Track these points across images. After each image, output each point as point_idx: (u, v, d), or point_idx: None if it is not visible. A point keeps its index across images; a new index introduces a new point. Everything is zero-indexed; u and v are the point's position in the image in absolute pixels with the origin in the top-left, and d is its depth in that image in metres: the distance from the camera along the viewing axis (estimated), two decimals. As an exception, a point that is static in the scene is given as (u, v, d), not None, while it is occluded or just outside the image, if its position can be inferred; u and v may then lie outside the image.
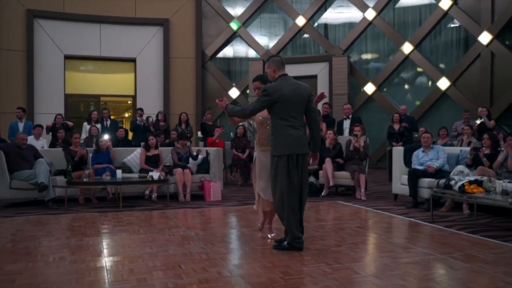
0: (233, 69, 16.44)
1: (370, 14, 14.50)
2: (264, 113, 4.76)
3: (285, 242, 4.52)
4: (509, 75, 12.25)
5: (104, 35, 14.74)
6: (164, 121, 10.92)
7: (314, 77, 14.90)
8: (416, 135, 10.68)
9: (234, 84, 15.99)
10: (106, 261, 4.15)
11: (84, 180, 7.32)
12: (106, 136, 8.21)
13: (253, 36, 15.88)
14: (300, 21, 15.33)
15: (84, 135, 10.17)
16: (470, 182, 5.62)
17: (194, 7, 15.53)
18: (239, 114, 4.64)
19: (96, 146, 8.20)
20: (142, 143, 10.00)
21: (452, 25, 13.63)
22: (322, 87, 14.73)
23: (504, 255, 4.33)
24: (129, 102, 16.02)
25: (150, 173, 7.56)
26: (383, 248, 4.60)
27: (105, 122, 10.55)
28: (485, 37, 12.63)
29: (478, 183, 5.64)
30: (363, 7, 14.63)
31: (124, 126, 11.53)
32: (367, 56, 15.11)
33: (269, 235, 5.02)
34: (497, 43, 12.48)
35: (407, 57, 13.99)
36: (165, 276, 3.69)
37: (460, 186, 5.61)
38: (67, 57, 14.49)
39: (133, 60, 15.11)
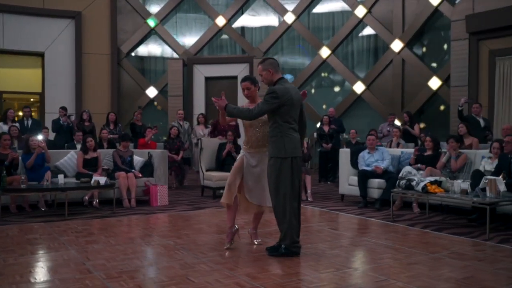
0: (150, 68, 15.85)
1: (289, 18, 14.82)
2: None
3: (282, 247, 4.44)
4: (418, 81, 13.20)
5: (8, 26, 13.38)
6: (89, 121, 10.20)
7: (235, 77, 14.86)
8: (346, 136, 11.14)
9: (151, 83, 15.40)
10: (104, 280, 3.76)
11: (22, 186, 6.58)
12: (40, 137, 7.44)
13: (171, 34, 15.45)
14: (220, 21, 15.23)
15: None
16: (431, 183, 5.96)
17: (109, 1, 14.71)
18: (245, 115, 4.43)
19: (26, 147, 7.40)
20: (66, 144, 9.36)
21: (366, 32, 14.37)
22: (242, 88, 14.73)
23: (486, 252, 4.65)
24: (32, 99, 14.74)
25: (95, 178, 7.01)
26: (376, 251, 4.70)
27: (25, 122, 9.59)
28: (397, 45, 13.50)
29: (438, 183, 6.00)
30: (283, 11, 14.92)
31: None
32: (286, 58, 15.42)
33: (255, 241, 4.91)
34: (408, 51, 13.40)
35: (324, 61, 14.52)
36: (184, 292, 3.44)
37: (423, 187, 5.92)
38: (-36, 49, 13.00)
39: (41, 55, 13.94)
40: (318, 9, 14.96)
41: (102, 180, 6.98)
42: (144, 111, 12.45)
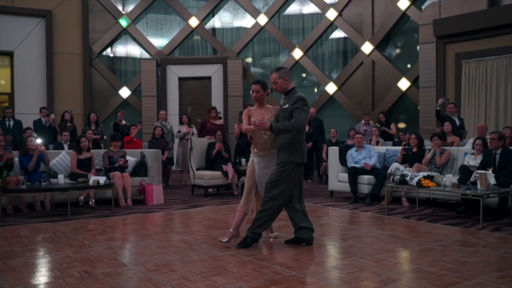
0: (122, 68, 15.74)
1: (262, 20, 15.10)
2: (259, 117, 4.78)
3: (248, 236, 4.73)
4: (387, 82, 13.78)
5: (-25, 23, 13.04)
6: (71, 122, 10.11)
7: (208, 78, 15.03)
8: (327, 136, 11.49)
9: (124, 84, 15.30)
10: (146, 273, 3.89)
11: (22, 187, 6.53)
12: (39, 140, 7.36)
13: (143, 34, 15.41)
14: (193, 22, 15.32)
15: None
16: (425, 177, 6.37)
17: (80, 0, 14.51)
18: (294, 129, 4.52)
19: (23, 148, 7.33)
20: (52, 145, 9.27)
21: (337, 34, 14.84)
22: (216, 88, 14.94)
23: (485, 239, 5.06)
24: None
25: (95, 178, 7.03)
26: (386, 240, 5.03)
27: (7, 122, 9.42)
28: (367, 47, 14.03)
29: (430, 178, 6.42)
30: (255, 13, 15.18)
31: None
32: (258, 59, 15.69)
33: (271, 235, 5.12)
34: (377, 53, 13.94)
35: (297, 62, 14.89)
36: (230, 282, 3.62)
37: (417, 181, 6.33)
38: None
39: (10, 54, 13.60)
40: (290, 11, 15.32)
41: (102, 179, 7.01)
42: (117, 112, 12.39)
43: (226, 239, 4.78)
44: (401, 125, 13.38)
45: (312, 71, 14.79)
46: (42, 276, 3.83)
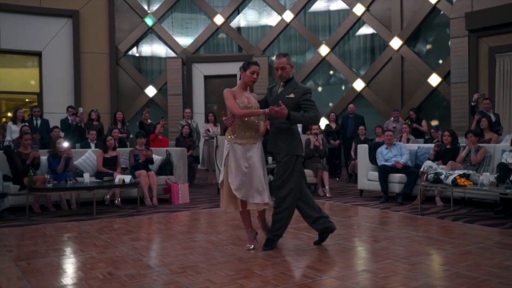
0: (148, 67, 15.75)
1: (288, 16, 14.90)
2: (245, 101, 4.41)
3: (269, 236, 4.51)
4: (417, 78, 13.42)
5: (4, 25, 13.15)
6: (97, 121, 10.12)
7: (233, 76, 14.87)
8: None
9: (150, 82, 15.30)
10: (170, 275, 3.76)
11: (49, 186, 6.50)
12: (65, 144, 7.33)
13: (169, 33, 15.38)
14: (218, 20, 15.22)
15: (9, 137, 9.05)
16: (460, 176, 6.09)
17: (106, -1, 14.58)
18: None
19: (53, 149, 7.32)
20: (79, 144, 9.27)
21: (365, 30, 14.53)
22: (242, 86, 14.77)
23: (527, 240, 4.79)
24: (27, 99, 14.51)
25: (120, 176, 6.97)
26: (422, 242, 4.78)
27: (35, 121, 9.46)
28: (396, 43, 13.69)
29: (466, 176, 6.13)
30: (281, 9, 14.99)
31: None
32: (284, 57, 15.45)
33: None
34: (406, 48, 13.59)
35: (323, 59, 14.64)
36: (258, 286, 3.45)
37: (453, 180, 6.05)
38: (-40, 48, 12.74)
39: (38, 54, 13.74)
40: (316, 7, 15.07)
41: (127, 178, 6.94)
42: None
43: (252, 246, 4.51)
44: (434, 122, 12.99)
45: (339, 68, 14.52)
46: (65, 277, 3.74)
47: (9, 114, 13.56)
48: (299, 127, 10.10)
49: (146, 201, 7.50)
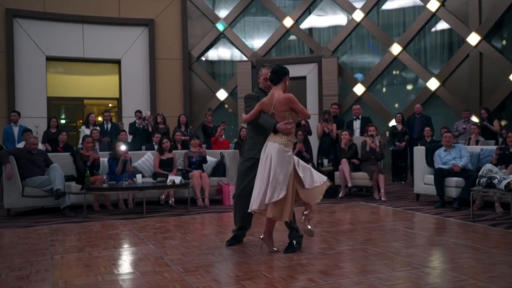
0: (219, 71, 16.16)
1: (358, 16, 14.58)
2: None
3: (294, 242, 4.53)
4: (497, 75, 12.54)
5: (87, 35, 14.17)
6: (163, 124, 10.57)
7: (303, 78, 14.86)
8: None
9: (221, 86, 15.69)
10: (182, 273, 3.88)
11: (104, 186, 6.94)
12: (123, 148, 7.77)
13: (240, 37, 15.68)
14: (288, 22, 15.26)
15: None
16: (515, 180, 5.64)
17: (179, 7, 15.16)
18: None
19: (113, 152, 7.80)
20: (144, 146, 9.73)
21: (440, 26, 13.86)
22: (311, 88, 14.73)
23: None
24: (110, 105, 15.46)
25: (171, 177, 7.25)
26: (455, 250, 4.51)
27: (105, 125, 10.10)
28: (473, 38, 12.89)
29: (522, 181, 5.67)
30: (351, 9, 14.71)
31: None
32: (355, 57, 15.18)
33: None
34: (485, 44, 12.75)
35: (395, 58, 14.14)
36: (257, 286, 3.47)
37: (506, 185, 5.62)
38: (48, 59, 13.84)
39: (117, 62, 14.62)
40: (388, 5, 14.61)
41: (177, 179, 7.20)
42: (214, 114, 12.68)
43: (275, 249, 4.53)
44: (504, 122, 12.07)
45: (412, 67, 13.95)
46: (86, 271, 3.98)
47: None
48: (358, 128, 9.92)
49: (198, 201, 7.72)
